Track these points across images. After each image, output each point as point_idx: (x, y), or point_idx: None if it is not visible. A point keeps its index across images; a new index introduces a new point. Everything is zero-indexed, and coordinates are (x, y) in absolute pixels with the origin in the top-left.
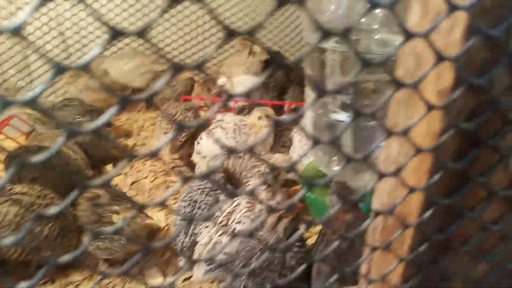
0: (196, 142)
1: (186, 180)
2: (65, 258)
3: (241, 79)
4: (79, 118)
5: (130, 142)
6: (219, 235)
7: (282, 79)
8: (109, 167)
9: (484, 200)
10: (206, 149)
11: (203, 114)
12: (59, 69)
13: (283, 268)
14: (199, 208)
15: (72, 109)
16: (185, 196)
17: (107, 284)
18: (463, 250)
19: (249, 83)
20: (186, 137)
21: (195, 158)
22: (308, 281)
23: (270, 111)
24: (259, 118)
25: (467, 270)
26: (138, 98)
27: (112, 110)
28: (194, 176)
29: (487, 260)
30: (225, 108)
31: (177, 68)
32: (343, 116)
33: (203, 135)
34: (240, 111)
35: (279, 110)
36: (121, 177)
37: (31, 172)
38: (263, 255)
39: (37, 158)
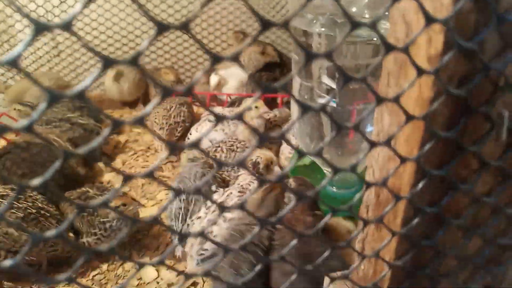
0: (186, 138)
1: (173, 149)
2: (51, 233)
3: (232, 71)
4: (69, 114)
5: (122, 138)
6: (211, 225)
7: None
8: (101, 164)
9: (477, 171)
10: None
11: (196, 108)
12: (39, 29)
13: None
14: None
15: (62, 105)
16: (178, 183)
17: (100, 280)
18: (455, 225)
19: (241, 76)
20: (182, 132)
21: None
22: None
23: (260, 102)
24: (249, 109)
25: (460, 245)
26: (123, 61)
27: (96, 73)
28: (181, 145)
29: (479, 235)
30: (218, 102)
31: (162, 28)
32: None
33: (193, 130)
34: (232, 104)
35: (271, 103)
36: (114, 173)
37: (21, 168)
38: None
39: (22, 123)
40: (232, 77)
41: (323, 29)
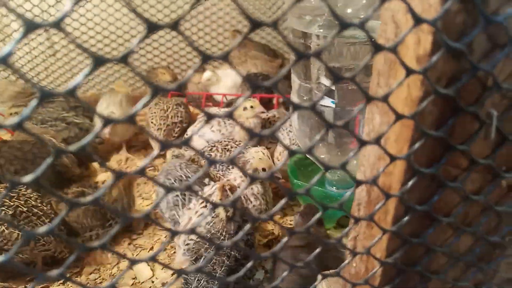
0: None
1: (164, 146)
2: (43, 228)
3: (228, 71)
4: (64, 113)
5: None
6: (198, 217)
7: (271, 73)
8: (95, 164)
9: (466, 170)
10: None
11: (192, 109)
12: (30, 27)
13: (231, 249)
14: (180, 181)
15: (57, 105)
16: (165, 177)
17: (95, 279)
18: (446, 223)
19: (236, 77)
20: (179, 132)
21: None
22: None
23: (256, 102)
24: (245, 109)
25: (451, 243)
26: (113, 59)
27: (87, 70)
28: (173, 142)
29: (470, 233)
30: (214, 103)
31: (152, 27)
32: (327, 102)
33: (189, 131)
34: (228, 105)
35: (268, 104)
36: (108, 173)
37: (14, 165)
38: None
39: (13, 120)
40: (227, 77)
41: (321, 30)
